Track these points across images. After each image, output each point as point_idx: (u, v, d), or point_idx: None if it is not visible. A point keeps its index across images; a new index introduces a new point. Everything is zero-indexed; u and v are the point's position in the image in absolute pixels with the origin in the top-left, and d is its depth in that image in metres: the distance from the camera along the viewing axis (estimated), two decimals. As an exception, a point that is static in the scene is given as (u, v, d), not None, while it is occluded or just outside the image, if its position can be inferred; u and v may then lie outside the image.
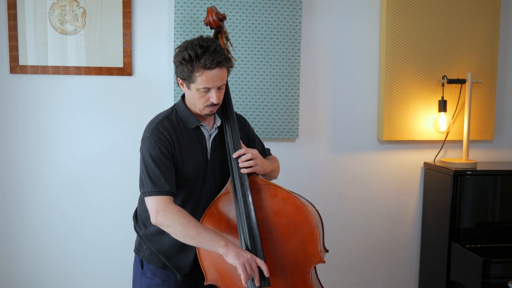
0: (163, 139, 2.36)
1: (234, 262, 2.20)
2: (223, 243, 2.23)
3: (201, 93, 2.33)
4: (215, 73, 2.29)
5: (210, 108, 2.37)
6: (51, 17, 3.29)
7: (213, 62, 2.26)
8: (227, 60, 2.33)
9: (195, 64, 2.27)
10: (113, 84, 3.42)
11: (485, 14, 3.78)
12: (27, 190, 3.40)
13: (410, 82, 3.73)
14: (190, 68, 2.28)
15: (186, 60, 2.28)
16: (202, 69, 2.27)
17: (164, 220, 2.27)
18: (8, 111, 3.33)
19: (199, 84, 2.30)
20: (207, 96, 2.34)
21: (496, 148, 4.01)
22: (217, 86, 2.32)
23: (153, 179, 2.31)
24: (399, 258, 3.96)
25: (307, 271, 2.38)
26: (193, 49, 2.27)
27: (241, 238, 2.35)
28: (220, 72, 2.31)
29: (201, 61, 2.26)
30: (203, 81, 2.29)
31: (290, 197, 2.40)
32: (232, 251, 2.22)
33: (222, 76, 2.32)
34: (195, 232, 2.24)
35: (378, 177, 3.86)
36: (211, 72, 2.28)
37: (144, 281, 2.56)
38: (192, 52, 2.27)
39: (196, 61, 2.26)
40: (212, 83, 2.30)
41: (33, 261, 3.44)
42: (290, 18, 3.49)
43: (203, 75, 2.28)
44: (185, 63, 2.29)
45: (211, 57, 2.25)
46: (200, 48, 2.27)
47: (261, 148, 2.74)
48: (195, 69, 2.28)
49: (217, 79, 2.31)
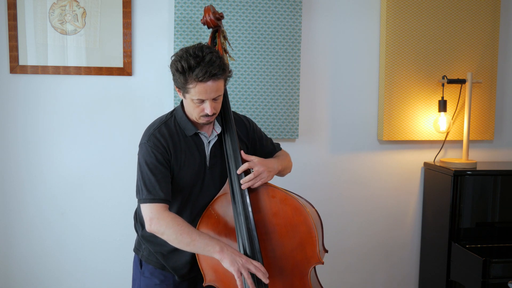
0: (160, 146, 2.34)
1: (229, 268, 2.20)
2: (218, 249, 2.22)
3: (196, 103, 2.28)
4: (209, 86, 2.22)
5: (206, 118, 2.32)
6: (51, 17, 3.29)
7: (206, 75, 2.18)
8: (223, 71, 2.25)
9: (188, 76, 2.20)
10: (113, 84, 3.43)
11: (485, 14, 3.77)
12: (27, 190, 3.40)
13: (410, 82, 3.73)
14: (183, 79, 2.23)
15: (179, 72, 2.23)
16: (195, 82, 2.21)
17: (158, 227, 2.26)
18: (8, 111, 3.34)
19: (193, 95, 2.25)
20: (201, 107, 2.29)
21: (496, 148, 4.01)
22: (211, 98, 2.26)
23: (148, 186, 2.30)
24: (399, 258, 3.96)
25: (305, 272, 2.37)
26: (187, 60, 2.20)
27: (239, 239, 2.35)
28: (215, 84, 2.24)
29: (194, 73, 2.19)
30: (196, 92, 2.23)
31: (288, 198, 2.40)
32: (227, 257, 2.20)
33: (217, 88, 2.26)
34: (189, 238, 2.23)
35: (378, 177, 3.86)
36: (204, 84, 2.21)
37: (143, 281, 2.56)
38: (185, 64, 2.20)
39: (188, 73, 2.20)
40: (205, 95, 2.24)
41: (33, 260, 3.45)
42: (290, 18, 3.49)
43: (196, 87, 2.22)
44: (178, 74, 2.24)
45: (204, 69, 2.18)
46: (194, 59, 2.19)
47: (271, 146, 2.71)
48: (188, 80, 2.22)
49: (211, 91, 2.24)
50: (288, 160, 2.70)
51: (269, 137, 3.46)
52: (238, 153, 2.44)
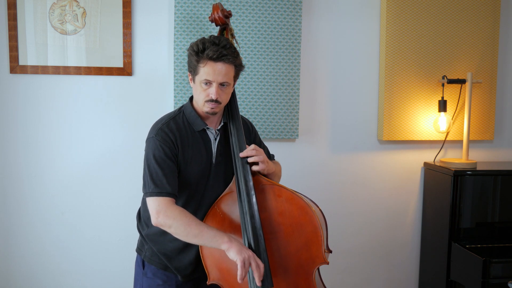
0: (168, 140, 2.35)
1: (235, 257, 2.19)
2: (226, 239, 2.23)
3: (203, 86, 2.33)
4: (218, 67, 2.30)
5: (210, 105, 2.35)
6: (51, 17, 3.28)
7: (217, 53, 2.27)
8: (234, 57, 2.33)
9: (201, 55, 2.30)
10: (113, 84, 3.42)
11: (485, 14, 3.78)
12: (27, 190, 3.39)
13: (410, 82, 3.73)
14: (196, 59, 2.32)
15: (194, 51, 2.32)
16: (206, 60, 2.29)
17: (165, 220, 2.26)
18: (8, 111, 3.32)
19: (201, 75, 2.32)
20: (207, 91, 2.33)
21: (496, 148, 4.02)
22: (218, 81, 2.32)
23: (155, 180, 2.30)
24: (399, 258, 3.96)
25: (310, 272, 2.37)
26: (203, 42, 2.31)
27: (245, 238, 2.35)
28: (224, 67, 2.31)
29: (206, 52, 2.28)
30: (205, 72, 2.30)
31: (294, 197, 2.40)
32: (235, 246, 2.21)
33: (226, 72, 2.32)
34: (198, 230, 2.24)
35: (378, 177, 3.86)
36: (214, 64, 2.29)
37: (145, 281, 2.55)
38: (201, 45, 2.30)
39: (202, 52, 2.29)
40: (213, 76, 2.30)
41: (33, 260, 3.44)
42: (290, 18, 3.49)
43: (205, 66, 2.30)
44: (193, 54, 2.32)
45: (216, 49, 2.28)
46: (210, 42, 2.31)
47: (267, 153, 2.73)
48: (200, 60, 2.31)
49: (219, 73, 2.30)
50: (279, 169, 2.73)
51: (269, 137, 3.49)
52: (244, 141, 2.47)
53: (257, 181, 2.44)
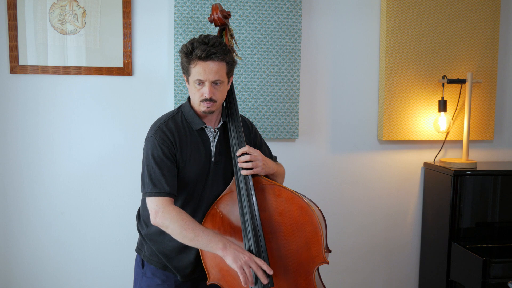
0: (166, 139, 2.35)
1: (232, 265, 2.21)
2: (221, 245, 2.23)
3: (196, 86, 2.34)
4: (209, 65, 2.30)
5: (206, 104, 2.35)
6: (51, 17, 3.28)
7: (205, 52, 2.27)
8: (224, 53, 2.32)
9: (190, 56, 2.31)
10: (113, 84, 3.42)
11: (485, 14, 3.78)
12: (27, 190, 3.39)
13: (410, 82, 3.73)
14: (186, 60, 2.33)
15: (184, 53, 2.33)
16: (196, 60, 2.30)
17: (163, 221, 2.27)
18: (8, 111, 3.33)
19: (194, 76, 2.33)
20: (201, 90, 2.34)
21: (496, 148, 4.02)
22: (210, 80, 2.31)
23: (154, 179, 2.30)
24: (399, 258, 3.96)
25: (310, 271, 2.37)
26: (192, 43, 2.32)
27: (245, 238, 2.35)
28: (214, 66, 2.30)
29: (195, 52, 2.29)
30: (196, 72, 2.31)
31: (294, 197, 2.40)
32: (230, 254, 2.21)
33: (217, 70, 2.32)
34: (193, 234, 2.24)
35: (378, 177, 3.86)
36: (204, 63, 2.29)
37: (145, 281, 2.56)
38: (190, 45, 2.31)
39: (191, 53, 2.30)
40: (204, 75, 2.30)
41: (33, 260, 3.44)
42: (290, 18, 3.49)
43: (196, 67, 2.30)
44: (184, 55, 2.33)
45: (204, 48, 2.28)
46: (198, 42, 2.31)
47: (269, 154, 2.73)
48: (191, 60, 2.32)
49: (210, 72, 2.30)
50: (282, 171, 2.71)
51: (269, 137, 3.49)
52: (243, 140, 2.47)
53: (257, 181, 2.45)
